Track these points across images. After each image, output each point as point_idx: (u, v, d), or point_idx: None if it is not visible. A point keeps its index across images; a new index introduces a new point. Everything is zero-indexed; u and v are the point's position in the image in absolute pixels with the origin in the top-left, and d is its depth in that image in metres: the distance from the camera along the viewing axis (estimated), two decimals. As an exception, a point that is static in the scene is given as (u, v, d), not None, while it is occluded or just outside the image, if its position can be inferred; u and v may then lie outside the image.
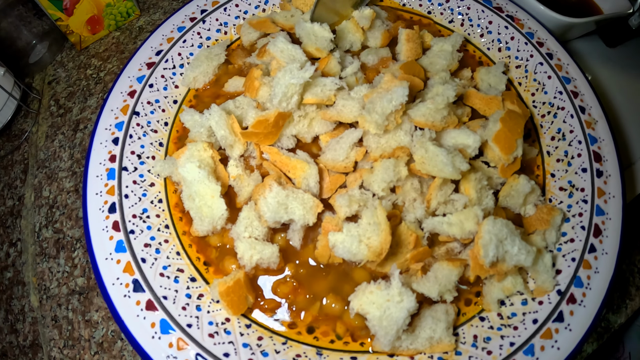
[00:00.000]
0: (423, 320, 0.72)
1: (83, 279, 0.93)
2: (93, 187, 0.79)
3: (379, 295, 0.67)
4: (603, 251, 0.78)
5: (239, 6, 1.01)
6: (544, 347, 0.71)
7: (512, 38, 0.99)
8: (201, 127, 0.81)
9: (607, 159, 0.86)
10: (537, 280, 0.76)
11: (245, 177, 0.80)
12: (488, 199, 0.78)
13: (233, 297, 0.71)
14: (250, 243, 0.74)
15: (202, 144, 0.80)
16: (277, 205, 0.73)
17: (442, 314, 0.72)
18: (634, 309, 0.94)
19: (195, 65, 0.92)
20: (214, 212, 0.76)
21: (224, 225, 0.77)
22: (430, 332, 0.70)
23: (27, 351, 0.92)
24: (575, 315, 0.73)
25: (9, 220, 1.05)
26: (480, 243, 0.68)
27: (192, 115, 0.82)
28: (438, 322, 0.71)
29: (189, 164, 0.75)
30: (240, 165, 0.81)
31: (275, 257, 0.75)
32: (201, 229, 0.77)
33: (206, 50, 0.95)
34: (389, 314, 0.66)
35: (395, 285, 0.67)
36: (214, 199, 0.75)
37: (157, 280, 0.73)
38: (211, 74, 0.94)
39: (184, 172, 0.75)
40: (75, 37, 1.18)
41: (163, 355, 0.67)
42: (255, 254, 0.73)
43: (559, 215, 0.80)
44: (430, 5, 1.03)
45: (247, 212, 0.76)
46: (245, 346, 0.71)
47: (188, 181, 0.76)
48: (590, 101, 0.92)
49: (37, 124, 1.14)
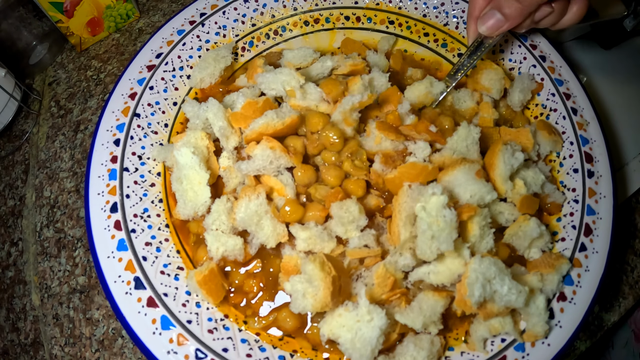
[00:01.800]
0: (405, 346, 0.69)
1: (84, 278, 0.94)
2: (95, 188, 0.81)
3: (348, 318, 0.65)
4: (593, 250, 0.79)
5: (238, 10, 1.02)
6: (535, 344, 0.72)
7: (506, 41, 1.00)
8: (198, 119, 0.85)
9: (599, 160, 0.87)
10: (528, 323, 0.72)
11: (235, 170, 0.82)
12: (488, 237, 0.73)
13: (210, 285, 0.73)
14: (216, 235, 0.76)
15: (201, 132, 0.83)
16: (254, 214, 0.75)
17: (426, 343, 0.69)
18: (627, 307, 0.96)
19: (203, 67, 0.95)
20: (198, 197, 0.78)
21: (205, 213, 0.80)
22: (410, 359, 0.68)
23: (28, 349, 0.93)
24: (565, 312, 0.74)
25: (10, 220, 1.06)
26: (466, 282, 0.65)
27: (193, 107, 0.86)
28: (420, 351, 0.68)
29: (184, 148, 0.78)
30: (233, 158, 0.84)
31: (238, 249, 0.76)
32: (183, 212, 0.79)
33: (214, 52, 0.97)
34: (360, 335, 0.64)
35: (363, 304, 0.65)
36: (200, 185, 0.78)
37: (157, 277, 0.75)
38: (217, 75, 0.96)
39: (178, 155, 0.78)
40: (76, 38, 1.19)
41: (164, 350, 0.69)
42: (221, 246, 0.76)
43: (566, 264, 0.76)
44: (425, 9, 1.05)
45: (217, 206, 0.78)
46: (243, 342, 0.72)
47: (180, 164, 0.78)
48: (583, 103, 0.93)
49: (38, 125, 1.15)
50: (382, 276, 0.69)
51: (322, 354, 0.73)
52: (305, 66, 0.96)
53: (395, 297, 0.71)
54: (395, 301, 0.72)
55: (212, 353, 0.70)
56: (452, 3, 1.04)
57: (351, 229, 0.75)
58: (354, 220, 0.74)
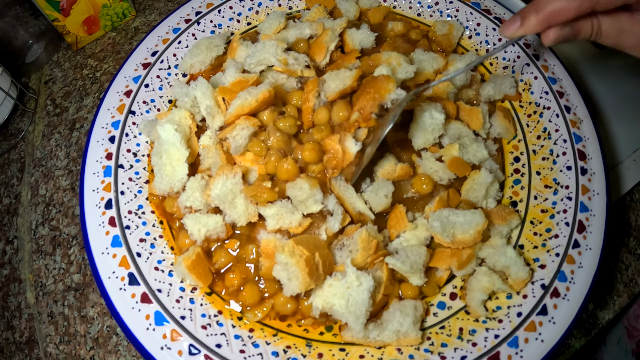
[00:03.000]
0: (391, 313, 0.74)
1: (79, 276, 0.94)
2: (90, 184, 0.81)
3: (338, 286, 0.70)
4: (587, 247, 0.80)
5: (233, 8, 1.03)
6: (528, 340, 0.72)
7: (500, 40, 1.01)
8: (186, 97, 0.86)
9: (592, 157, 0.88)
10: (510, 275, 0.78)
11: (212, 149, 0.84)
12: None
13: (199, 269, 0.75)
14: (195, 218, 0.77)
15: (186, 112, 0.85)
16: (229, 192, 0.76)
17: (410, 309, 0.74)
18: (622, 305, 0.96)
19: (195, 53, 0.96)
20: (175, 173, 0.80)
21: (180, 190, 0.81)
22: (398, 325, 0.72)
23: (23, 347, 0.93)
24: (559, 308, 0.75)
25: (6, 218, 1.06)
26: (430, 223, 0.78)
27: (181, 88, 0.87)
28: (406, 317, 0.73)
29: (168, 124, 0.80)
30: (214, 138, 0.85)
31: (220, 226, 0.77)
32: (159, 187, 0.81)
33: (207, 40, 0.97)
34: (353, 300, 0.70)
35: (350, 271, 0.70)
36: (179, 162, 0.81)
37: (151, 273, 0.75)
38: (208, 63, 0.97)
39: (161, 131, 0.80)
40: (72, 37, 1.20)
41: (157, 346, 0.69)
42: (202, 228, 0.76)
43: (517, 219, 0.84)
44: (419, 8, 1.05)
45: (192, 183, 0.79)
46: (236, 337, 0.72)
47: (162, 139, 0.80)
48: (576, 101, 0.94)
49: (34, 123, 1.15)
50: (366, 240, 0.75)
51: (315, 351, 0.74)
52: (278, 30, 0.98)
53: (378, 260, 0.77)
54: (377, 264, 0.77)
55: (206, 349, 0.70)
56: (446, 2, 1.05)
57: (310, 204, 0.77)
58: (308, 196, 0.76)
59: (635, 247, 1.00)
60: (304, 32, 0.95)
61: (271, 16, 0.99)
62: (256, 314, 0.76)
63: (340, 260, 0.76)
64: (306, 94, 0.85)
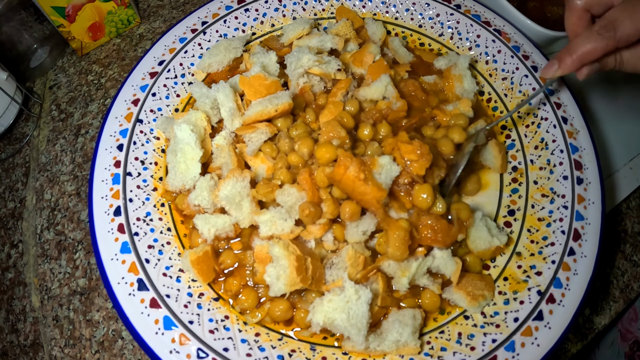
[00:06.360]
0: (390, 324, 0.76)
1: (84, 280, 0.95)
2: (99, 192, 0.82)
3: (338, 301, 0.72)
4: (582, 254, 0.82)
5: (239, 19, 1.05)
6: (525, 344, 0.75)
7: (499, 51, 1.03)
8: (207, 99, 0.89)
9: (588, 167, 0.90)
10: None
11: (226, 149, 0.87)
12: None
13: (202, 266, 0.77)
14: (205, 218, 0.80)
15: (202, 114, 0.88)
16: (237, 194, 0.79)
17: (409, 319, 0.76)
18: (618, 310, 0.99)
19: (214, 54, 0.99)
20: (189, 171, 0.84)
21: (191, 188, 0.84)
22: (397, 335, 0.74)
23: (27, 350, 0.94)
24: (554, 314, 0.77)
25: (11, 222, 1.07)
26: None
27: (201, 88, 0.90)
28: (405, 327, 0.74)
29: (185, 124, 0.83)
30: (228, 139, 0.88)
31: (228, 225, 0.80)
32: (172, 183, 0.84)
33: (227, 42, 1.00)
34: (353, 313, 0.71)
35: (348, 286, 0.72)
36: (193, 161, 0.84)
37: (160, 279, 0.77)
38: (225, 64, 1.00)
39: (177, 130, 0.83)
40: (77, 43, 1.21)
41: (166, 350, 0.71)
42: (212, 227, 0.79)
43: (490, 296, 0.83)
44: (421, 19, 1.08)
45: (201, 183, 0.82)
46: (243, 342, 0.74)
47: (178, 138, 0.83)
48: (573, 112, 0.96)
49: (39, 128, 1.16)
50: (353, 257, 0.77)
51: (319, 355, 0.76)
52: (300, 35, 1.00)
53: (371, 273, 0.78)
54: (372, 277, 0.79)
55: (214, 352, 0.72)
56: (447, 14, 1.07)
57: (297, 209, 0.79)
58: (296, 201, 0.79)
59: (631, 253, 1.03)
60: (326, 44, 0.97)
61: (298, 21, 1.02)
62: (256, 314, 0.78)
63: (330, 279, 0.78)
64: (336, 90, 0.90)
